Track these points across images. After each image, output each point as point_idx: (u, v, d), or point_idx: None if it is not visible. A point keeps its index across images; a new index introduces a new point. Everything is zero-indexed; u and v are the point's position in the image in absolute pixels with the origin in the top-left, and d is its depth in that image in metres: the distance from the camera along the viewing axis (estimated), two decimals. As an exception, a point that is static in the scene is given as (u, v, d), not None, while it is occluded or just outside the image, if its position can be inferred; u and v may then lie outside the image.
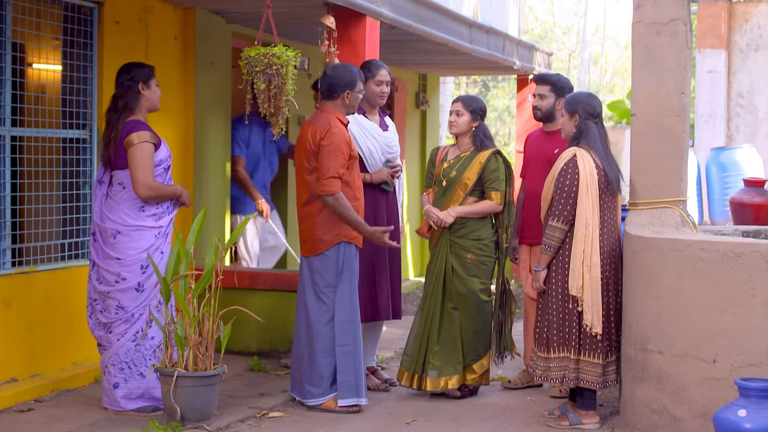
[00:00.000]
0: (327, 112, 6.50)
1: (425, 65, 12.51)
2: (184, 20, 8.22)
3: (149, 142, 6.12)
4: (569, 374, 6.16)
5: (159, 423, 5.89)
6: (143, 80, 6.24)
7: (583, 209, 6.08)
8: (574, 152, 6.17)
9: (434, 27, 9.22)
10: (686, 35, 6.39)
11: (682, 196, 6.35)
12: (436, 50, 10.35)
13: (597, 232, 6.09)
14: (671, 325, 5.78)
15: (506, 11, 15.26)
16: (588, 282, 6.05)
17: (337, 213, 6.38)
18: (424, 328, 6.89)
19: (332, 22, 7.30)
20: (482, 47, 10.76)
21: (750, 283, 5.45)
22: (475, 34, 10.57)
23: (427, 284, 6.97)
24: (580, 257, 6.06)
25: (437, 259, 6.92)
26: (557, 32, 42.12)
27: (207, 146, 8.47)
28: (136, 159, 6.07)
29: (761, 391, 5.10)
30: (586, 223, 6.07)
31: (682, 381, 5.72)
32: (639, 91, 6.41)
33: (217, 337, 6.16)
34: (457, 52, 10.39)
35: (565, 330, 6.15)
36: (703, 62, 18.16)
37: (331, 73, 6.56)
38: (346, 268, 6.50)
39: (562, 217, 6.12)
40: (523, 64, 12.36)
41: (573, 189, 6.09)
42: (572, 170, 6.11)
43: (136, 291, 6.17)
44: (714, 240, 5.69)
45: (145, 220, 6.18)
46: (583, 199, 6.08)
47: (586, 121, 6.23)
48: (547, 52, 13.71)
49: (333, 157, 6.32)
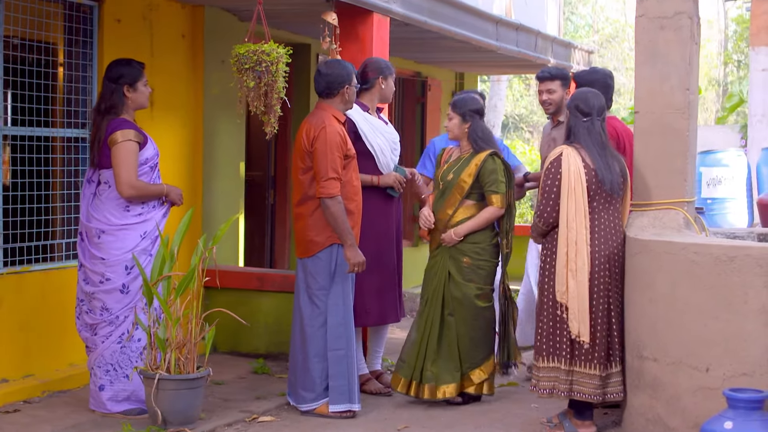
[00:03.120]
0: (323, 110, 6.34)
1: (458, 63, 12.32)
2: (192, 18, 8.13)
3: (133, 141, 6.03)
4: (560, 385, 5.87)
5: (133, 426, 5.80)
6: (129, 83, 6.14)
7: (565, 210, 5.83)
8: (561, 151, 5.94)
9: (453, 24, 9.04)
10: (692, 29, 6.14)
11: (687, 197, 6.09)
12: (460, 48, 10.17)
13: (584, 235, 5.82)
14: (666, 332, 5.53)
15: (544, 9, 14.98)
16: (573, 287, 5.79)
17: (329, 217, 6.20)
18: (423, 334, 6.67)
19: (334, 18, 7.16)
20: (510, 45, 10.54)
21: (743, 289, 5.19)
22: (502, 31, 10.36)
23: (426, 289, 6.75)
24: (564, 260, 5.81)
25: (436, 264, 6.72)
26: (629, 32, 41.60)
27: (217, 146, 8.38)
28: (119, 158, 5.99)
29: (749, 402, 4.86)
30: (567, 225, 5.82)
31: (675, 390, 5.47)
32: (642, 88, 6.17)
33: (202, 339, 6.03)
34: (482, 50, 10.19)
35: (555, 339, 5.89)
36: (756, 60, 17.71)
37: (327, 70, 6.40)
38: (339, 270, 6.33)
39: (542, 217, 5.92)
40: (559, 61, 12.09)
41: (554, 189, 5.87)
42: (555, 169, 5.88)
43: (121, 292, 6.08)
44: (707, 243, 5.43)
45: (130, 220, 6.09)
46: (565, 199, 5.83)
47: (574, 119, 6.00)
48: (587, 49, 13.43)
49: (329, 157, 6.15)
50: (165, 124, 7.83)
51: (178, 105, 7.99)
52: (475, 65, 12.66)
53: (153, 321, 5.94)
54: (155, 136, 7.30)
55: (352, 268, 6.25)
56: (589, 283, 5.81)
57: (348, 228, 6.21)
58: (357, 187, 6.39)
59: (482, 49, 10.10)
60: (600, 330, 5.84)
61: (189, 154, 8.12)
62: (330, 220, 6.20)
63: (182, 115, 8.05)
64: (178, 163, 8.00)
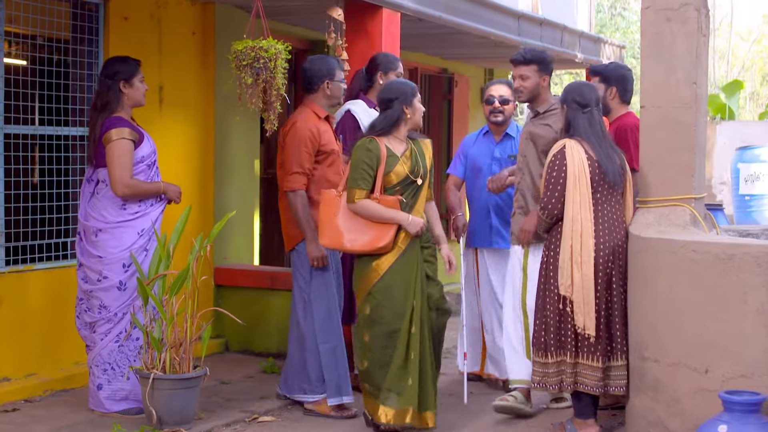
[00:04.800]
0: (305, 106, 6.39)
1: (485, 59, 12.16)
2: (203, 15, 8.09)
3: (127, 139, 5.99)
4: (567, 379, 5.77)
5: (127, 426, 5.77)
6: (125, 78, 6.10)
7: (571, 203, 5.71)
8: (563, 144, 5.82)
9: (471, 19, 8.92)
10: (699, 21, 5.96)
11: (694, 193, 5.91)
12: (481, 43, 10.04)
13: (589, 228, 5.70)
14: (666, 332, 5.37)
15: (574, 5, 14.76)
16: (578, 281, 5.66)
17: (292, 210, 6.20)
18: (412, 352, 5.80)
19: (339, 14, 7.07)
20: (534, 40, 10.38)
21: (742, 288, 5.01)
22: (525, 26, 10.21)
23: (396, 298, 5.77)
24: (568, 253, 5.68)
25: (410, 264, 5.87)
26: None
27: (230, 144, 8.33)
28: (113, 156, 5.95)
29: (745, 405, 4.70)
30: (573, 218, 5.69)
31: (675, 392, 5.31)
32: (647, 82, 6.00)
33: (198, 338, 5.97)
34: (503, 45, 10.04)
35: (561, 332, 5.78)
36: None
37: (309, 66, 6.45)
38: None
39: (546, 210, 5.79)
40: (588, 56, 11.92)
41: (560, 181, 5.74)
42: (560, 162, 5.76)
43: (119, 290, 6.04)
44: (706, 241, 5.26)
45: (127, 218, 6.05)
46: (571, 192, 5.71)
47: (573, 112, 5.88)
48: (619, 44, 13.22)
49: (295, 152, 6.18)
50: (175, 122, 7.79)
51: (188, 103, 7.95)
52: (502, 61, 12.50)
53: (150, 320, 5.90)
54: (164, 135, 7.31)
55: (312, 263, 6.20)
56: (594, 276, 5.68)
57: (309, 222, 6.16)
58: (334, 182, 6.24)
59: (503, 44, 9.96)
60: (603, 323, 5.72)
61: (200, 153, 8.08)
62: (293, 213, 6.20)
63: (193, 113, 8.00)
64: (189, 162, 7.96)
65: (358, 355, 5.79)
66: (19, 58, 6.67)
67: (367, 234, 5.67)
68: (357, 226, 5.68)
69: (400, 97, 5.81)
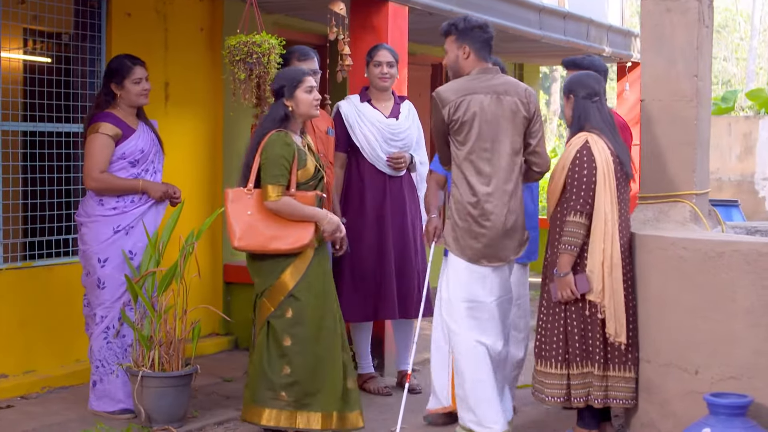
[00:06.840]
0: None
1: (512, 54, 11.99)
2: (211, 11, 8.05)
3: (105, 134, 5.92)
4: (595, 392, 5.34)
5: (111, 425, 5.74)
6: (116, 81, 6.04)
7: (602, 202, 5.28)
8: (585, 138, 5.40)
9: (487, 13, 8.76)
10: (701, 12, 5.81)
11: (695, 189, 5.77)
12: (501, 37, 9.85)
13: (617, 228, 5.31)
14: (658, 332, 5.24)
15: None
16: (609, 285, 5.27)
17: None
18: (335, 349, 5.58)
19: (342, 8, 6.96)
20: (557, 34, 10.23)
21: (732, 287, 4.87)
22: (546, 19, 10.06)
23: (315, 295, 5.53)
24: (599, 257, 5.27)
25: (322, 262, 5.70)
26: (740, 21, 40.49)
27: (240, 141, 8.27)
28: (87, 149, 5.95)
29: (730, 408, 4.57)
30: (605, 219, 5.27)
31: (667, 393, 5.18)
32: (647, 74, 5.88)
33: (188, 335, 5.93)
34: (522, 39, 9.89)
35: (587, 341, 5.36)
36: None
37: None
38: None
39: (584, 211, 5.29)
40: (616, 50, 11.73)
41: (592, 179, 5.30)
42: (588, 158, 5.32)
43: (98, 287, 5.98)
44: (696, 238, 5.10)
45: (104, 212, 5.98)
46: (602, 190, 5.28)
47: (583, 101, 5.49)
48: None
49: None
50: (182, 119, 7.76)
51: (196, 100, 7.91)
52: (526, 55, 12.33)
53: (140, 317, 5.86)
54: (170, 132, 7.26)
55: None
56: None
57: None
58: None
59: (523, 38, 9.81)
60: (632, 329, 5.36)
61: (208, 150, 8.04)
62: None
63: (201, 110, 7.97)
64: (197, 159, 7.93)
65: (276, 363, 5.37)
66: (21, 54, 6.67)
67: (288, 233, 5.36)
68: (276, 225, 5.36)
69: (280, 89, 5.48)
